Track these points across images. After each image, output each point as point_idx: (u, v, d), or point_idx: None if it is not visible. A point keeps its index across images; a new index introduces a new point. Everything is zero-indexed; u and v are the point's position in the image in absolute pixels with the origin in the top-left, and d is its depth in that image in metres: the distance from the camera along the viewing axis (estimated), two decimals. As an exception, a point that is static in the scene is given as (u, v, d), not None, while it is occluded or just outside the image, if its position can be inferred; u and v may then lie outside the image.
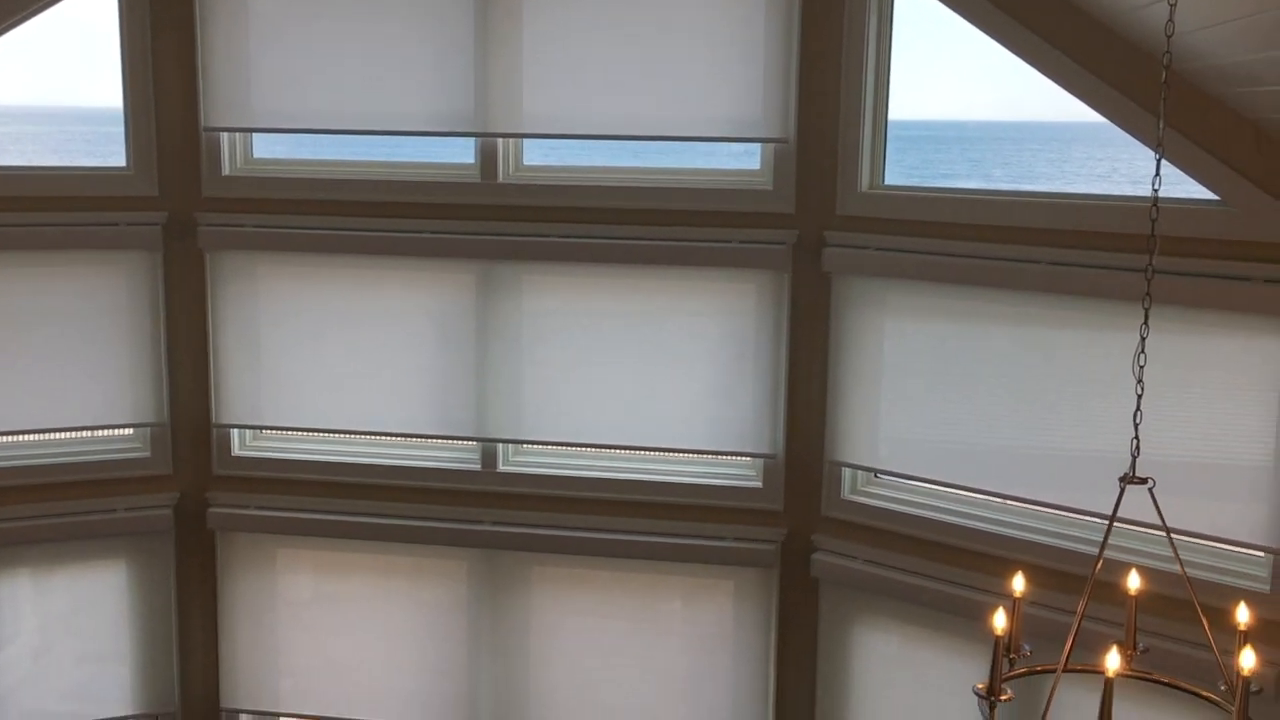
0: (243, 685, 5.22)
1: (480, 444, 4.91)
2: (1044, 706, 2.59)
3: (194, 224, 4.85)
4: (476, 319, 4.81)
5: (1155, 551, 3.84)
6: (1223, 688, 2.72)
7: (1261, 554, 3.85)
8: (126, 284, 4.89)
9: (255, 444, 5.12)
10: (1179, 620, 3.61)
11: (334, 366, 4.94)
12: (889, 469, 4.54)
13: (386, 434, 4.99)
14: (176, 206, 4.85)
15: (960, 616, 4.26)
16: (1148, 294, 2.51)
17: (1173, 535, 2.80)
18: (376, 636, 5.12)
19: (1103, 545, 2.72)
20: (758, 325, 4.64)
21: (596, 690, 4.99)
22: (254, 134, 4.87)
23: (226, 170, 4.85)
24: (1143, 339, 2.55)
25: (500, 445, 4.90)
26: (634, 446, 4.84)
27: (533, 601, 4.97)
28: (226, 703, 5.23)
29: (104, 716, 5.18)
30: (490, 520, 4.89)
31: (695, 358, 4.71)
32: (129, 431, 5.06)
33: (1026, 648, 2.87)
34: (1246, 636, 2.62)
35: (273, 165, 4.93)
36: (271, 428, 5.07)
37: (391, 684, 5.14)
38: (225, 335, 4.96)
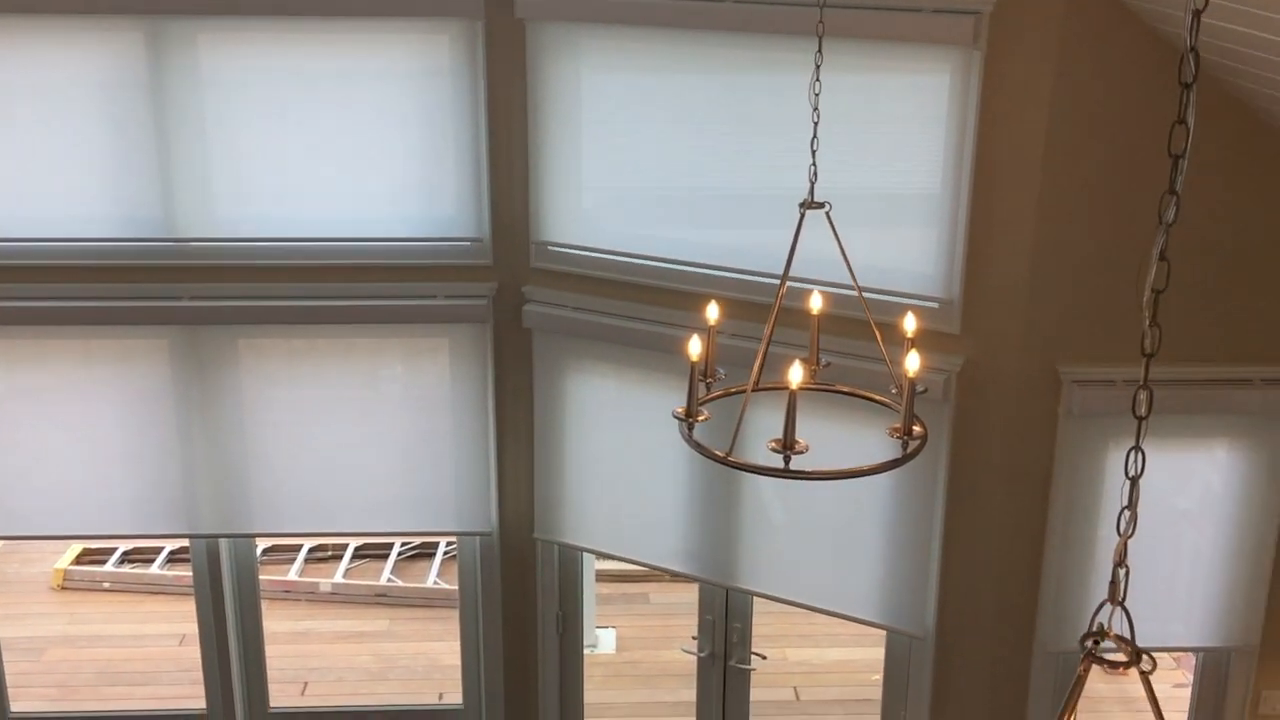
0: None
1: (174, 244, 4.65)
2: (736, 422, 2.77)
3: None
4: (151, 90, 4.47)
5: (836, 275, 4.10)
6: (893, 391, 2.98)
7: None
8: None
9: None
10: (858, 338, 3.92)
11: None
12: (593, 245, 4.61)
13: (59, 240, 4.64)
14: None
15: (665, 352, 4.47)
16: (820, 22, 2.59)
17: (849, 257, 2.99)
18: (78, 431, 4.89)
19: (786, 269, 2.87)
20: (454, 85, 4.51)
21: (320, 464, 4.97)
22: None
23: None
24: (817, 66, 2.64)
25: (194, 238, 4.67)
26: (336, 238, 4.68)
27: (243, 378, 4.86)
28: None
29: None
30: (188, 295, 4.69)
31: (389, 127, 4.56)
32: None
33: (721, 372, 3.04)
34: (913, 343, 2.85)
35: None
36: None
37: (100, 480, 4.95)
38: None
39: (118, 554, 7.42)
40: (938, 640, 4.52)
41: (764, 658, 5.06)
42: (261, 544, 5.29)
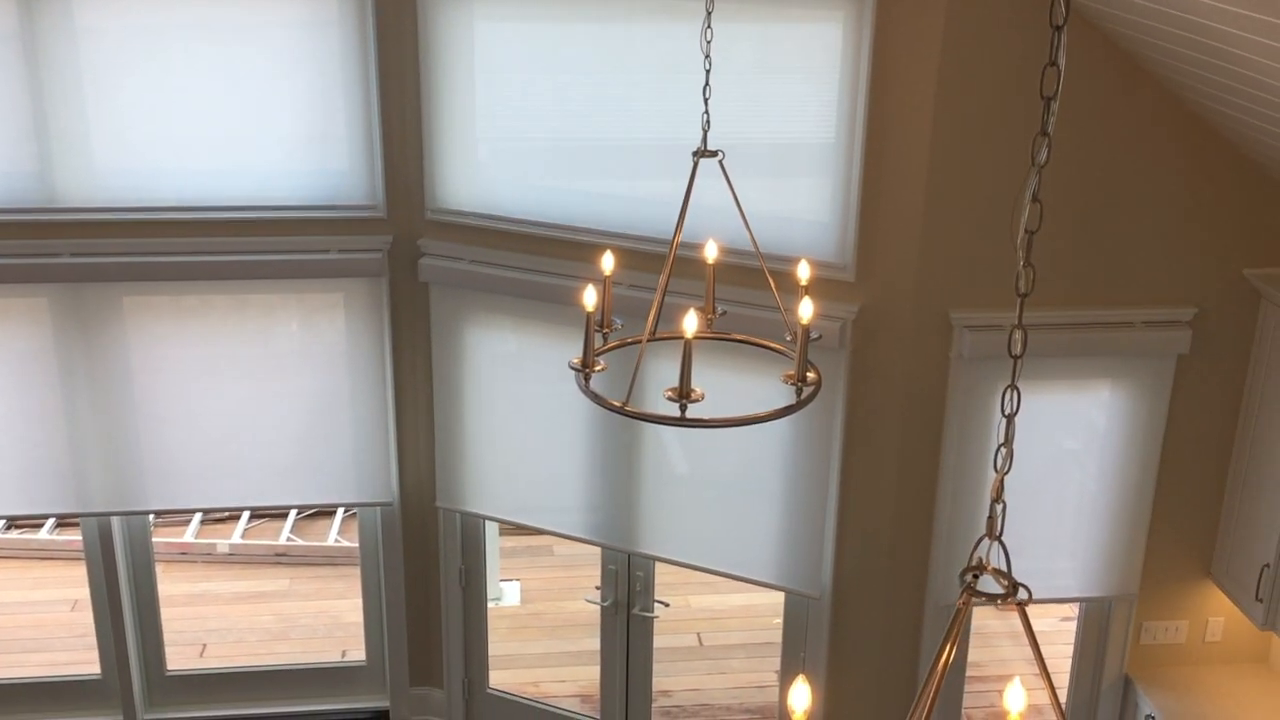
0: None
1: (52, 199, 4.49)
2: (632, 372, 2.77)
3: None
4: (22, 41, 4.29)
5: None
6: (788, 338, 3.01)
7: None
8: None
9: None
10: (755, 288, 3.94)
11: None
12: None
13: None
14: None
15: (562, 304, 4.45)
16: (710, -31, 2.58)
17: (744, 206, 3.00)
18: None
19: (680, 218, 2.87)
20: (343, 34, 4.41)
21: (214, 431, 4.86)
22: None
23: None
24: (709, 13, 2.63)
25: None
26: (225, 192, 4.56)
27: (130, 338, 4.72)
28: None
29: None
30: (68, 252, 4.54)
31: (278, 78, 4.45)
32: None
33: (618, 322, 3.04)
34: (806, 290, 2.88)
35: None
36: None
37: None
38: None
39: (3, 520, 7.20)
40: (834, 598, 4.60)
41: (667, 605, 5.12)
42: (156, 503, 5.18)
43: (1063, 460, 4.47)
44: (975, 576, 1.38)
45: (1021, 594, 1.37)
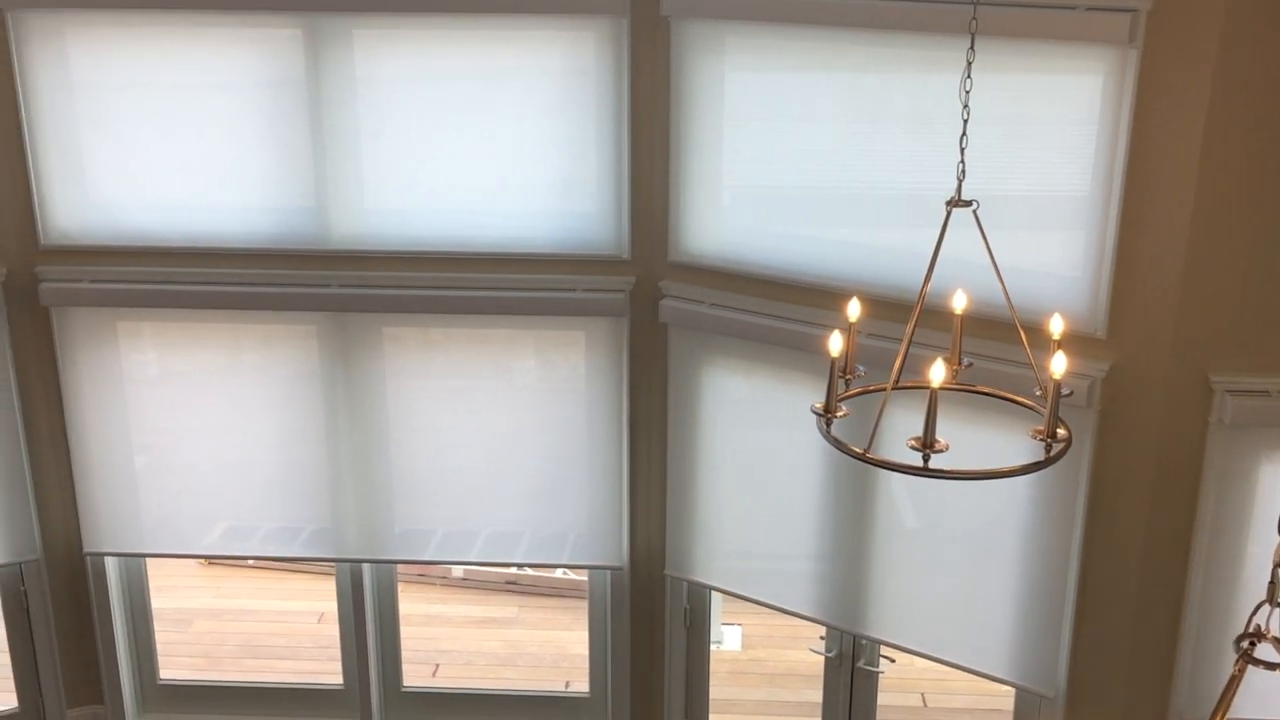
0: (104, 523, 5.23)
1: (329, 248, 4.84)
2: (875, 420, 2.76)
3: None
4: (308, 87, 4.63)
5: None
6: (1038, 393, 2.93)
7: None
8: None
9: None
10: (1002, 341, 3.86)
11: (157, 160, 4.78)
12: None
13: (223, 251, 4.86)
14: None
15: (803, 351, 4.45)
16: (974, 18, 2.57)
17: (995, 257, 2.96)
18: (229, 413, 5.09)
19: (930, 266, 2.85)
20: (598, 82, 4.57)
21: (458, 471, 5.07)
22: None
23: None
24: (969, 64, 2.61)
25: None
26: (478, 254, 4.79)
27: (386, 367, 5.00)
28: (90, 547, 5.26)
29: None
30: (337, 283, 4.85)
31: (534, 122, 4.64)
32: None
33: (861, 369, 3.03)
34: (1059, 345, 2.81)
35: None
36: (102, 249, 4.88)
37: (248, 481, 5.17)
38: (41, 129, 4.69)
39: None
40: (1069, 696, 4.41)
41: (893, 661, 5.01)
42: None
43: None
44: (1252, 643, 1.32)
45: (1305, 668, 1.29)
